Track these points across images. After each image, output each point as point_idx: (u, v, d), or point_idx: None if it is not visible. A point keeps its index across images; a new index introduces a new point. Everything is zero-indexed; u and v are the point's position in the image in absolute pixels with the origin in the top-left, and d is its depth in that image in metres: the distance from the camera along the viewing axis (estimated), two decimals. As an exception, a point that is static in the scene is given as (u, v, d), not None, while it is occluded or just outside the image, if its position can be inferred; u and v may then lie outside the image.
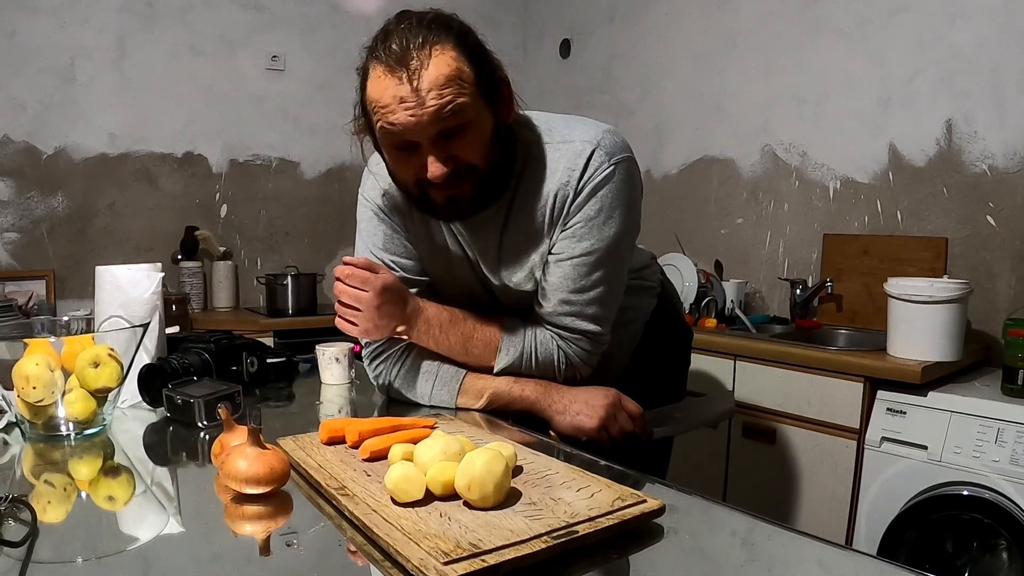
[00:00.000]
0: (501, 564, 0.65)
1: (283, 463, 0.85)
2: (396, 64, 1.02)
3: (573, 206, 1.16)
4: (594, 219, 1.16)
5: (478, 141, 1.08)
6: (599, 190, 1.15)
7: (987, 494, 1.80)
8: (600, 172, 1.15)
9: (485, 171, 1.10)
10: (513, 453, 0.87)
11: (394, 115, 1.03)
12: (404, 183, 1.15)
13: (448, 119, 1.03)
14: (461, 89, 1.03)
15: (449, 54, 1.03)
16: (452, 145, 1.06)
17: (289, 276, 3.25)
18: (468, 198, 1.12)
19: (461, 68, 1.04)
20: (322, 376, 1.50)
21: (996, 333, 2.26)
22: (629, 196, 1.19)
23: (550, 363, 1.23)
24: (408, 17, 1.06)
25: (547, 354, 1.22)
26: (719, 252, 3.15)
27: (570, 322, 1.21)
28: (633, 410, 1.23)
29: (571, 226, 1.17)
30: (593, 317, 1.21)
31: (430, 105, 1.02)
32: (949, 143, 2.44)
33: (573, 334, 1.22)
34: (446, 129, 1.04)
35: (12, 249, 3.02)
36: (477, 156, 1.08)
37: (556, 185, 1.17)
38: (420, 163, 1.07)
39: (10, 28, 2.94)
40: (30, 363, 1.04)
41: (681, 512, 0.83)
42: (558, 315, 1.21)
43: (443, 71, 1.02)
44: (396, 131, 1.05)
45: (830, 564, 0.75)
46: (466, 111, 1.04)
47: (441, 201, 1.12)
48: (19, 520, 0.77)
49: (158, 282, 1.35)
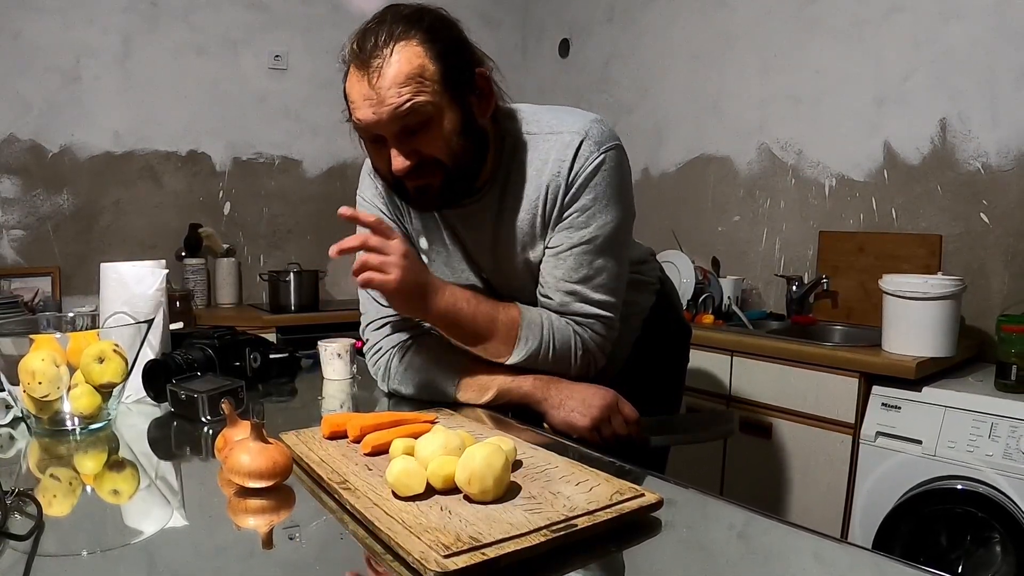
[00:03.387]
0: (501, 557, 0.65)
1: (285, 457, 0.85)
2: (362, 63, 1.06)
3: (567, 198, 1.18)
4: (590, 208, 1.18)
5: (441, 136, 1.10)
6: (591, 179, 1.17)
7: (981, 488, 1.82)
8: (591, 162, 1.17)
9: (451, 165, 1.12)
10: (513, 448, 0.87)
11: (359, 111, 1.08)
12: (381, 172, 1.19)
13: (407, 116, 1.06)
14: (421, 87, 1.06)
15: (413, 50, 1.06)
16: (415, 140, 1.09)
17: (292, 273, 3.26)
18: (436, 190, 1.15)
19: (424, 65, 1.06)
20: (324, 372, 1.50)
21: (990, 329, 2.27)
22: (621, 183, 1.20)
23: (567, 349, 1.22)
24: (388, 11, 1.09)
25: (565, 340, 1.22)
26: (716, 249, 3.16)
27: (580, 308, 1.22)
28: (629, 414, 1.21)
29: (567, 217, 1.19)
30: (602, 303, 1.23)
31: (389, 103, 1.05)
32: (943, 142, 2.46)
33: (587, 319, 1.23)
34: (407, 126, 1.07)
35: (18, 246, 3.03)
36: (440, 151, 1.11)
37: (548, 177, 1.18)
38: (388, 155, 1.11)
39: (16, 28, 2.95)
40: (36, 359, 1.04)
41: (679, 506, 0.83)
42: (567, 304, 1.22)
43: (403, 69, 1.05)
44: (362, 126, 1.09)
45: (826, 557, 0.75)
46: (426, 108, 1.07)
47: (411, 191, 1.16)
48: (25, 513, 0.77)
49: (162, 279, 1.35)
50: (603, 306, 1.23)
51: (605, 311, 1.23)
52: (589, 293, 1.22)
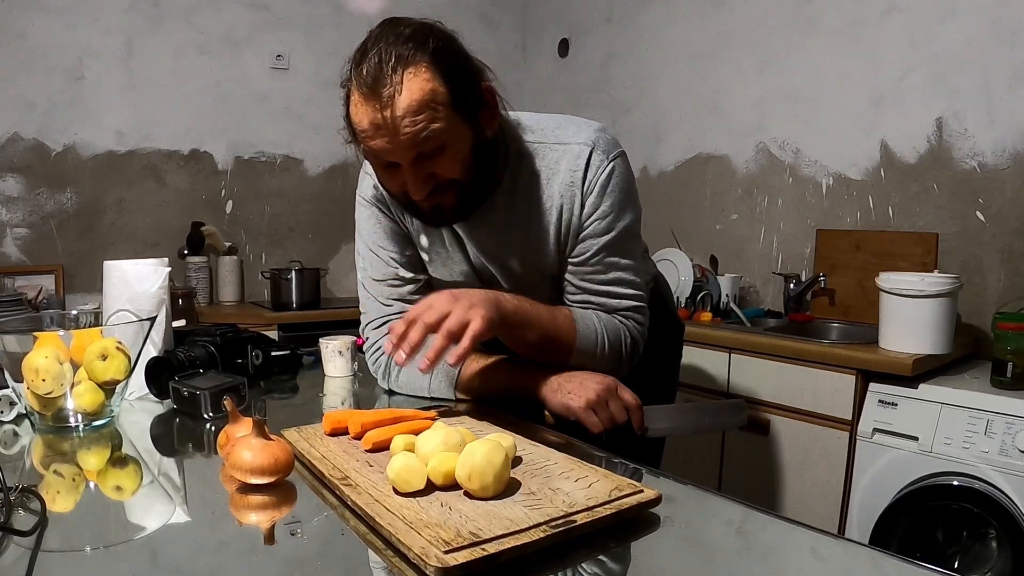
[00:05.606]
0: (501, 553, 0.65)
1: (287, 454, 0.85)
2: (370, 91, 1.03)
3: (585, 208, 1.22)
4: (609, 215, 1.22)
5: (457, 159, 1.09)
6: (606, 188, 1.21)
7: (977, 484, 1.82)
8: (602, 171, 1.20)
9: (467, 183, 1.13)
10: (513, 444, 0.87)
11: (372, 140, 1.06)
12: (392, 193, 1.19)
13: (423, 143, 1.04)
14: (435, 113, 1.04)
15: (423, 76, 1.02)
16: (431, 164, 1.08)
17: (293, 271, 3.28)
18: (451, 208, 1.16)
19: (436, 89, 1.03)
20: (325, 369, 1.51)
21: (985, 327, 2.28)
22: (630, 187, 1.26)
23: (618, 341, 1.27)
24: (388, 31, 1.06)
25: (615, 332, 1.27)
26: (714, 247, 3.17)
27: (618, 303, 1.28)
28: (630, 401, 1.20)
29: (588, 226, 1.23)
30: (632, 295, 1.29)
31: (405, 133, 1.03)
32: (940, 141, 2.47)
33: (627, 312, 1.29)
34: (422, 152, 1.06)
35: (22, 244, 3.04)
36: (456, 172, 1.11)
37: (560, 187, 1.21)
38: (403, 179, 1.10)
39: (20, 28, 2.96)
40: (39, 356, 1.04)
41: (677, 502, 0.83)
42: (605, 304, 1.28)
43: (415, 96, 1.02)
44: (374, 153, 1.08)
45: (823, 553, 0.75)
46: (441, 134, 1.05)
47: (426, 211, 1.16)
48: (29, 510, 0.78)
49: (165, 277, 1.36)
50: (635, 298, 1.29)
51: (638, 301, 1.29)
52: (620, 289, 1.28)
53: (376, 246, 1.32)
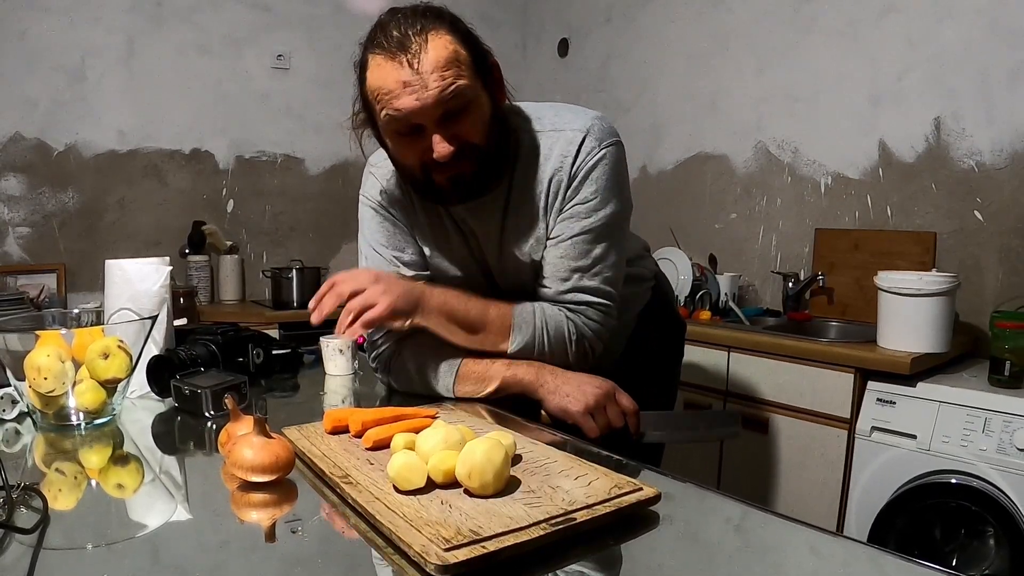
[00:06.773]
0: (501, 550, 0.65)
1: (288, 452, 0.85)
2: (397, 50, 1.05)
3: (569, 191, 1.20)
4: (591, 200, 1.20)
5: (480, 121, 1.11)
6: (591, 173, 1.19)
7: (975, 482, 1.83)
8: (592, 157, 1.19)
9: (486, 150, 1.13)
10: (512, 442, 0.87)
11: (399, 100, 1.06)
12: (408, 168, 1.17)
13: (451, 100, 1.06)
14: (460, 71, 1.06)
15: (445, 38, 1.06)
16: (455, 125, 1.09)
17: (294, 270, 3.29)
18: (470, 177, 1.15)
19: (458, 51, 1.07)
20: (326, 367, 1.51)
21: (983, 325, 2.29)
22: (619, 177, 1.23)
23: (562, 336, 1.23)
24: (400, 10, 1.09)
25: (558, 327, 1.23)
26: (713, 246, 3.17)
27: (574, 296, 1.24)
28: (627, 405, 1.21)
29: (568, 208, 1.21)
30: (596, 290, 1.24)
31: (433, 87, 1.04)
32: (938, 140, 2.47)
33: (580, 306, 1.24)
34: (449, 110, 1.07)
35: (24, 243, 3.04)
36: (479, 135, 1.12)
37: (551, 171, 1.20)
38: (424, 146, 1.10)
39: (21, 28, 2.96)
40: (41, 354, 1.04)
41: (676, 500, 0.83)
42: (563, 292, 1.24)
43: (442, 54, 1.05)
44: (401, 116, 1.07)
45: (821, 550, 0.75)
46: (467, 92, 1.07)
47: (444, 182, 1.15)
48: (31, 507, 0.78)
49: (166, 275, 1.36)
50: (597, 293, 1.24)
51: (599, 298, 1.25)
52: (585, 281, 1.23)
53: (379, 245, 1.32)
